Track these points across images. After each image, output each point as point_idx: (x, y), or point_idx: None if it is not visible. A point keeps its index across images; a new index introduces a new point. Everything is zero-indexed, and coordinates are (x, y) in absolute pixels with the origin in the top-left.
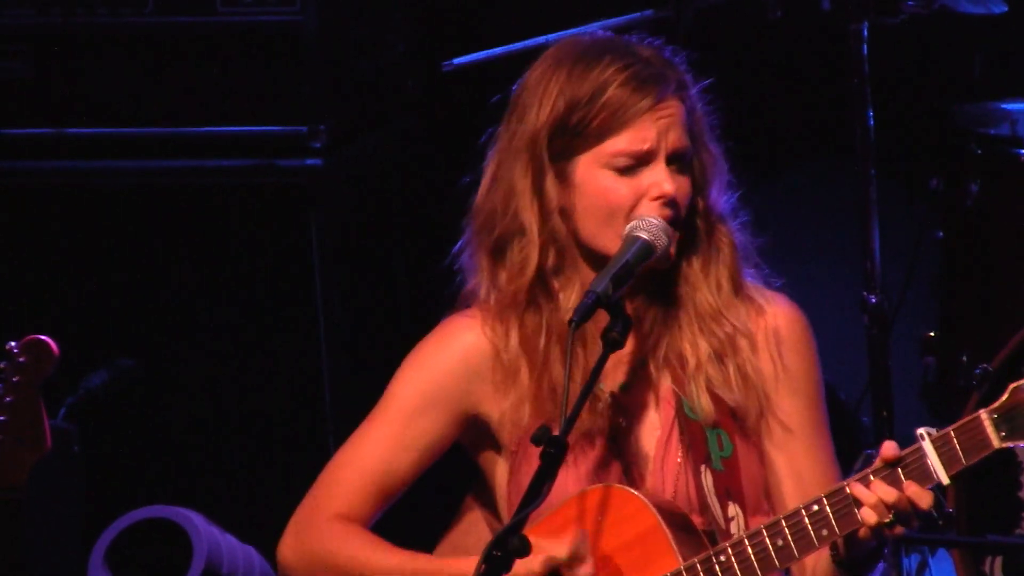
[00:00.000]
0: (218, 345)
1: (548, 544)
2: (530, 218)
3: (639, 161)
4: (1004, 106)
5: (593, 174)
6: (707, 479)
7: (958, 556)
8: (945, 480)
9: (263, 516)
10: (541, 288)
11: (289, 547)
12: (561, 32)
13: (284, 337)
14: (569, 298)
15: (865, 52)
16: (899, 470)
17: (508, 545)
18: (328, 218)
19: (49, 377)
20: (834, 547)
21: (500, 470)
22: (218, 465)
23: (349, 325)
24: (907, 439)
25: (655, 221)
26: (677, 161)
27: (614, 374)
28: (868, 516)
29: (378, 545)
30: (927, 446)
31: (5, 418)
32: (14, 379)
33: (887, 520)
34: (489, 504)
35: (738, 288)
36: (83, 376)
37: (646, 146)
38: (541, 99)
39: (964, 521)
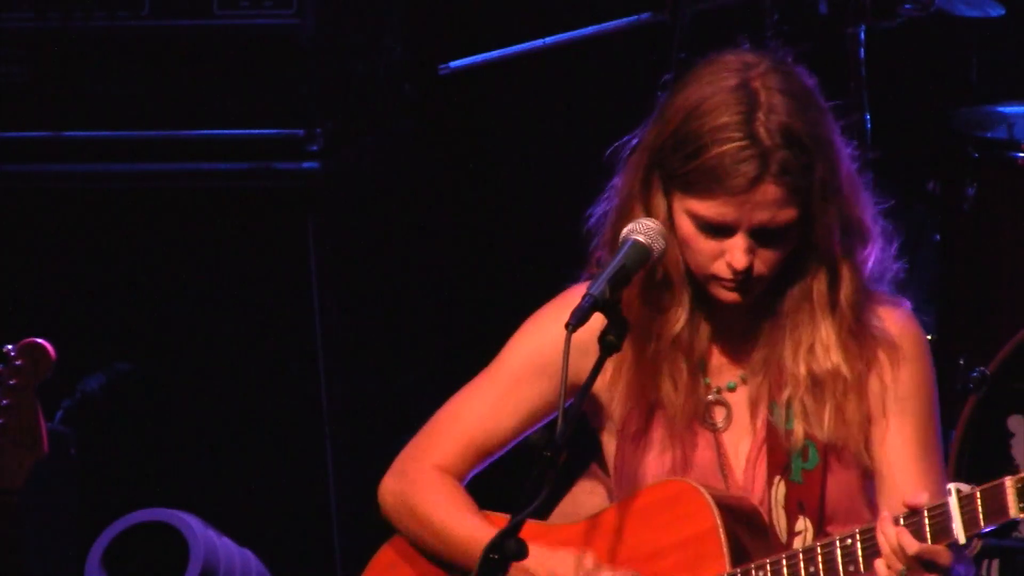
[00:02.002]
0: (215, 348)
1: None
2: None
3: (719, 229)
4: (1001, 110)
5: (681, 216)
6: (778, 491)
7: None
8: (962, 540)
9: (260, 519)
10: (655, 297)
11: (389, 489)
12: (558, 36)
13: (281, 340)
14: (679, 316)
15: (862, 56)
16: (925, 519)
17: (505, 549)
18: (325, 221)
19: (46, 380)
20: None
21: (610, 445)
22: (215, 468)
23: (346, 328)
24: None
25: (652, 224)
26: (764, 233)
27: (721, 373)
28: (880, 568)
29: (461, 507)
30: (953, 503)
31: (2, 421)
32: (11, 382)
33: (899, 569)
34: (607, 474)
35: (856, 323)
36: (80, 379)
37: (724, 220)
38: (675, 115)
39: None
